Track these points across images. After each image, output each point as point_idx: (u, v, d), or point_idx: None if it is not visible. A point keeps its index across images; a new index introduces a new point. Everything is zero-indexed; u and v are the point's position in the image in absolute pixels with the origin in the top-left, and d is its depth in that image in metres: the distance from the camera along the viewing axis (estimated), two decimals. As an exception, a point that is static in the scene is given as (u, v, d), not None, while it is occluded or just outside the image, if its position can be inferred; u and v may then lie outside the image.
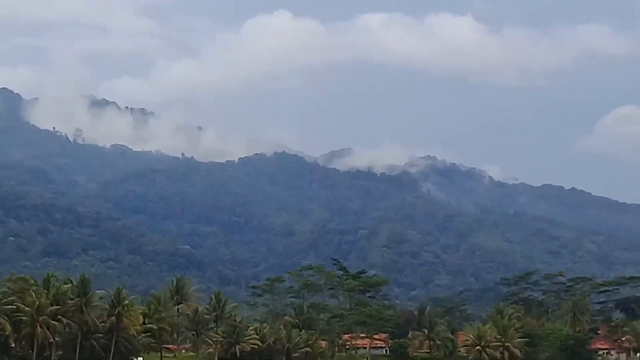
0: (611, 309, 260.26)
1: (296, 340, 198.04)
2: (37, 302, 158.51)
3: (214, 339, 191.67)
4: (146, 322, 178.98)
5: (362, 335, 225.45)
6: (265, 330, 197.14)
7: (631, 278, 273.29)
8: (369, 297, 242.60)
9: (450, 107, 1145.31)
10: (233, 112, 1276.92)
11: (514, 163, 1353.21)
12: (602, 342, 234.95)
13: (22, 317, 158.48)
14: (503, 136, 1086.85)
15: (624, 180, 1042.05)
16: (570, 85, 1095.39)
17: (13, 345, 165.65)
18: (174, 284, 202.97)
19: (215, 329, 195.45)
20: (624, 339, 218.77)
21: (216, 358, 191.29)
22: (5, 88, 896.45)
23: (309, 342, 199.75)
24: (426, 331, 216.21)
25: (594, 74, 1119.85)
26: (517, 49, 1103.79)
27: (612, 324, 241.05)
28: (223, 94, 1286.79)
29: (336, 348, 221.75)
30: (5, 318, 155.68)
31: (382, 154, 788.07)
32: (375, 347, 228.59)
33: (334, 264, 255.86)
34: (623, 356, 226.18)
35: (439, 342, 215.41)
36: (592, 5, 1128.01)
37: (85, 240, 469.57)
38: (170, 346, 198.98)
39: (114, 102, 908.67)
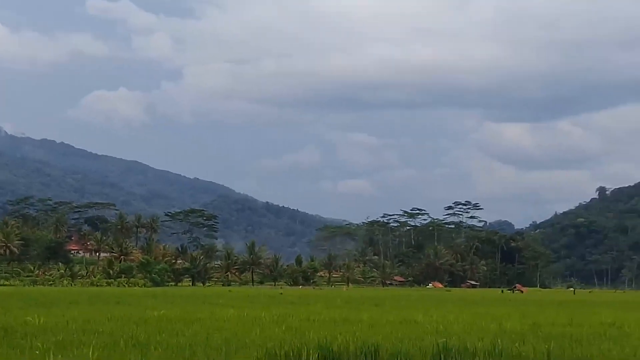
0: (82, 223, 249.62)
1: None
2: None
3: None
4: None
5: None
6: None
7: (96, 203, 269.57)
8: None
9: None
10: None
11: (24, 121, 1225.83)
12: (74, 245, 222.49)
13: None
14: (17, 102, 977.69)
15: (97, 137, 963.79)
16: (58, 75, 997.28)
17: None
18: None
19: None
20: (89, 243, 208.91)
21: None
22: None
23: None
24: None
25: (83, 67, 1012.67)
26: (26, 45, 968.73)
27: (82, 233, 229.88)
28: None
29: None
30: None
31: None
32: None
33: None
34: (87, 254, 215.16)
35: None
36: (81, 20, 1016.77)
37: None
38: None
39: None
